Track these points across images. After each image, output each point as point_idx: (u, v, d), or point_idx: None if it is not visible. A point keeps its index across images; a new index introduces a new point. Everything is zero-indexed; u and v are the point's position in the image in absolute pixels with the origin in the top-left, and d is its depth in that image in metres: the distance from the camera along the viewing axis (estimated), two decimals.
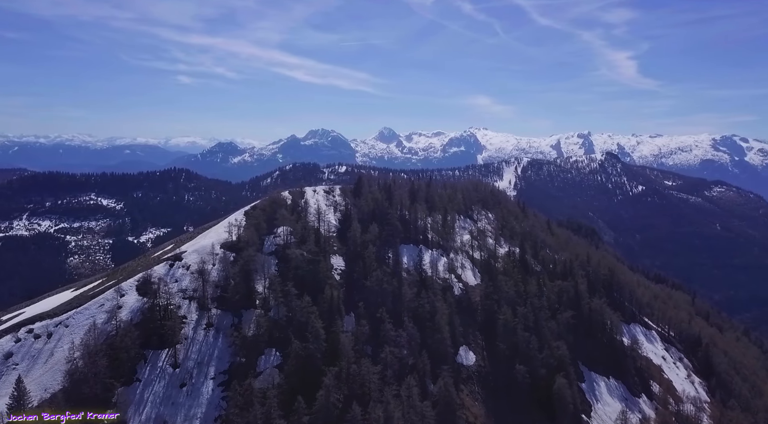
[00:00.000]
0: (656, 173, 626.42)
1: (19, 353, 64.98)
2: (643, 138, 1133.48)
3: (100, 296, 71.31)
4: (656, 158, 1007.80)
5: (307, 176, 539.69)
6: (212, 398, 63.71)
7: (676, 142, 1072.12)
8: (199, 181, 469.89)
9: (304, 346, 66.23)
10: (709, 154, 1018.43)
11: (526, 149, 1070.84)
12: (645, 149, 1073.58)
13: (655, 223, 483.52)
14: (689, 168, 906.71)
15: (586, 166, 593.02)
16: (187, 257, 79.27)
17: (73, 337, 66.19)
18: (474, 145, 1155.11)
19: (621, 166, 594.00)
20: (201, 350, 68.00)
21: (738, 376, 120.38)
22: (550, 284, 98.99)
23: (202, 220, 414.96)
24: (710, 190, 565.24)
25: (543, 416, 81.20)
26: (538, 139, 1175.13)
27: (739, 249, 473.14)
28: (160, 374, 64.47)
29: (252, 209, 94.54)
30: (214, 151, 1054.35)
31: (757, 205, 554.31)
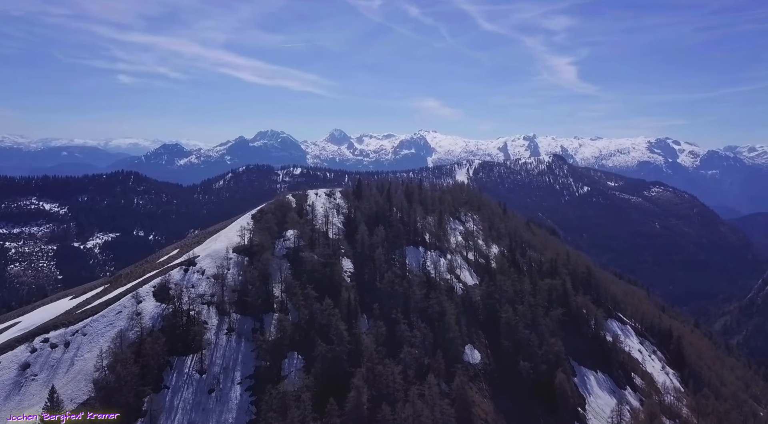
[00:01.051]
0: (600, 175, 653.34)
1: (37, 363, 63.03)
2: (584, 140, 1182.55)
3: (117, 303, 69.82)
4: (597, 160, 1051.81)
5: (260, 179, 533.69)
6: (241, 402, 63.78)
7: (615, 145, 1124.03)
8: (149, 184, 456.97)
9: (330, 348, 67.19)
10: (645, 156, 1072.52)
11: (474, 151, 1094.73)
12: (587, 151, 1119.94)
13: (601, 222, 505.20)
14: (627, 169, 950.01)
15: (534, 167, 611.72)
16: (201, 262, 78.46)
17: (92, 345, 64.76)
18: (424, 148, 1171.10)
19: (567, 168, 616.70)
20: (225, 356, 67.81)
21: (704, 365, 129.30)
22: (541, 283, 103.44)
23: (152, 223, 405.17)
24: (649, 191, 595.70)
25: (545, 410, 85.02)
26: (485, 141, 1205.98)
27: (677, 246, 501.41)
28: (188, 380, 63.97)
29: (259, 213, 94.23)
30: (159, 153, 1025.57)
31: (691, 204, 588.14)
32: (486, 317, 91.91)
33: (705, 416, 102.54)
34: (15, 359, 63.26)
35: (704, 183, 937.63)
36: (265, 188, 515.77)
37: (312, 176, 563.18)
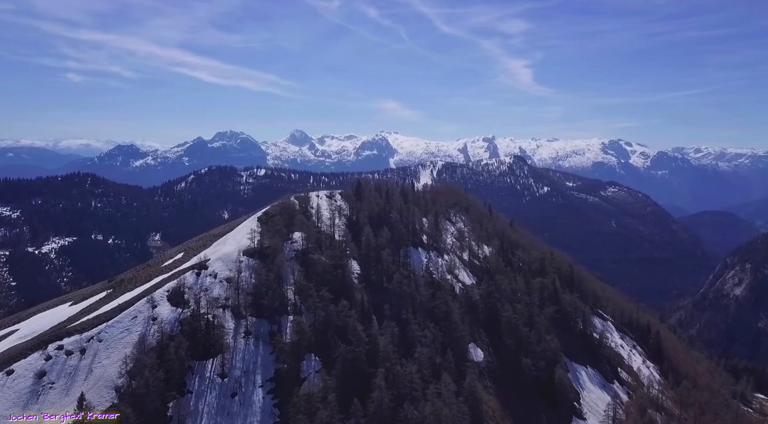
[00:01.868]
0: (558, 175, 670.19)
1: (53, 371, 61.61)
2: (542, 142, 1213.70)
3: (131, 308, 68.71)
4: (554, 161, 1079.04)
5: (223, 180, 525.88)
6: (264, 405, 63.92)
7: (571, 146, 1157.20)
8: (107, 187, 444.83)
9: (349, 349, 67.98)
10: (599, 157, 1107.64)
11: (435, 153, 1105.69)
12: (544, 152, 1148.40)
13: (561, 222, 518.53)
14: (583, 170, 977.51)
15: (495, 168, 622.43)
16: (213, 265, 77.83)
17: (110, 352, 63.72)
18: (386, 149, 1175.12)
19: (527, 169, 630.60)
20: (245, 359, 67.73)
21: (678, 358, 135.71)
22: (533, 281, 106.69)
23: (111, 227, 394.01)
24: (605, 191, 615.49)
25: (546, 406, 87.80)
26: (446, 143, 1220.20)
27: (632, 244, 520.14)
28: (210, 384, 63.71)
29: (264, 215, 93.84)
30: (114, 155, 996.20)
31: (645, 204, 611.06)
32: (486, 316, 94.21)
33: (687, 407, 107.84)
34: (30, 367, 61.71)
35: (654, 183, 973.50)
36: (228, 190, 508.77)
37: (276, 177, 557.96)
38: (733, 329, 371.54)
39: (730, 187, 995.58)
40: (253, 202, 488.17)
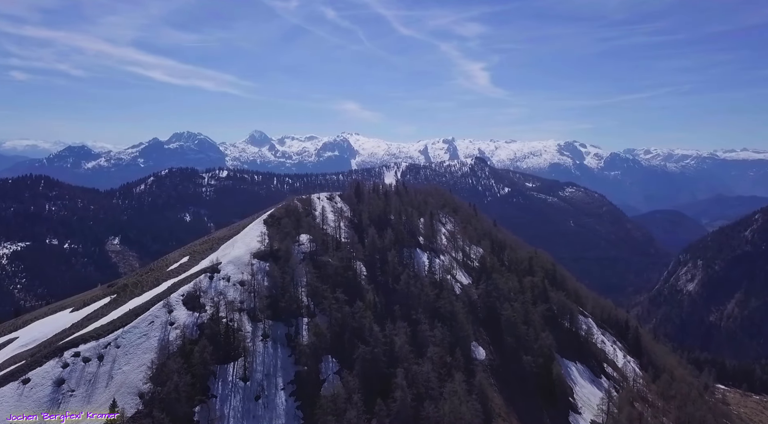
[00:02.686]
0: (518, 176, 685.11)
1: (72, 378, 60.25)
2: (500, 143, 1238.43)
3: (147, 313, 67.66)
4: (512, 162, 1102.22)
5: (184, 182, 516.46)
6: (288, 408, 64.14)
7: (528, 148, 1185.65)
8: (62, 189, 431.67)
9: (369, 350, 68.86)
10: (555, 158, 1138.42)
11: (397, 154, 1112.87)
12: (502, 154, 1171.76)
13: (522, 222, 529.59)
14: (540, 170, 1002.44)
15: (458, 170, 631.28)
16: (225, 269, 77.28)
17: (129, 358, 62.73)
18: (348, 150, 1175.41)
19: (488, 170, 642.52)
20: (265, 362, 67.66)
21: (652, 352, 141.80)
22: (524, 280, 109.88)
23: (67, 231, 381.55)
24: (563, 191, 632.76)
25: (545, 402, 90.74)
26: (407, 144, 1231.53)
27: (590, 243, 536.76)
28: (233, 388, 63.49)
29: (270, 218, 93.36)
30: (64, 156, 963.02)
31: (601, 203, 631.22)
32: (485, 315, 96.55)
33: (669, 399, 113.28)
34: (47, 376, 60.21)
35: (608, 183, 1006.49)
36: (189, 192, 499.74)
37: (239, 179, 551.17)
38: (687, 323, 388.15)
39: (678, 187, 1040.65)
40: (216, 205, 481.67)
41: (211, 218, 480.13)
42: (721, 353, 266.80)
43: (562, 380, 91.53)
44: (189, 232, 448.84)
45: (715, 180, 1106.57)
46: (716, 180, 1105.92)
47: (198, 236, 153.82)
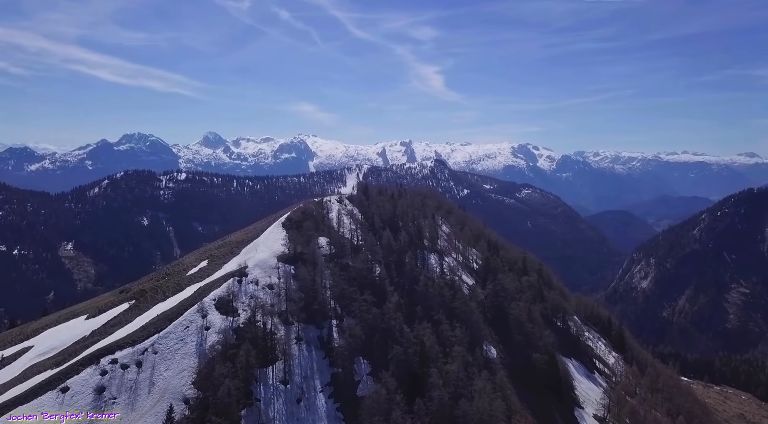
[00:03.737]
0: (476, 178, 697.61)
1: (112, 386, 59.08)
2: (456, 146, 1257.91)
3: (181, 318, 66.83)
4: (468, 164, 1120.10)
5: (141, 185, 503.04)
6: (329, 410, 64.74)
7: (483, 150, 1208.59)
8: (9, 192, 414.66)
9: (402, 350, 70.19)
10: (510, 160, 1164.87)
11: (355, 156, 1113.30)
12: (458, 156, 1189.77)
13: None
14: (495, 172, 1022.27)
15: (418, 172, 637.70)
16: (252, 272, 76.91)
17: (169, 363, 62.00)
18: (305, 152, 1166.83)
19: (448, 172, 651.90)
20: (302, 365, 67.95)
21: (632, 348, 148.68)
22: (522, 279, 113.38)
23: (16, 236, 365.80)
24: (520, 193, 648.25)
25: (553, 398, 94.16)
26: (365, 146, 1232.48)
27: (546, 243, 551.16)
28: (274, 391, 63.59)
29: (288, 221, 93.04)
30: (5, 158, 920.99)
31: (556, 204, 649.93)
32: (493, 314, 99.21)
33: (657, 391, 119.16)
34: (86, 383, 58.84)
35: (560, 184, 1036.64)
36: (147, 195, 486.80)
37: (198, 182, 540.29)
38: (642, 319, 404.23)
39: (625, 188, 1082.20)
40: (175, 208, 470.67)
41: (170, 221, 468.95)
42: (674, 347, 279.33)
43: (568, 377, 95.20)
44: (148, 236, 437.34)
45: (659, 181, 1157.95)
46: (660, 181, 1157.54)
47: (208, 240, 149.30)
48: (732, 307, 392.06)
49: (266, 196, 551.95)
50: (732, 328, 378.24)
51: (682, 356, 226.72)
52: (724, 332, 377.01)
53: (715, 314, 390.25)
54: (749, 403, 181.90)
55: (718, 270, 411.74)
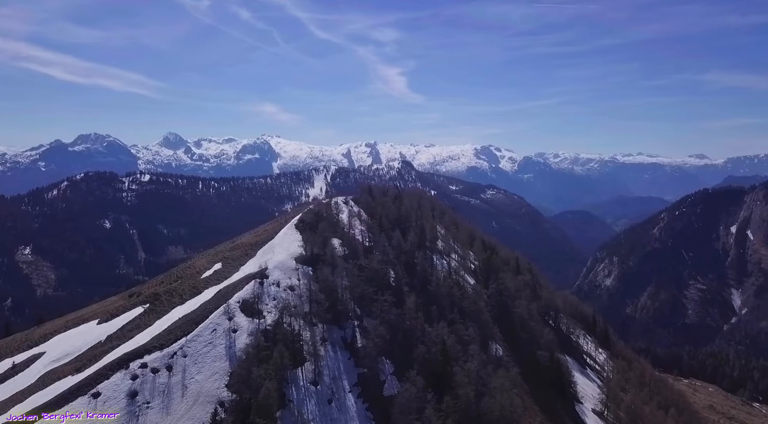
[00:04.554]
0: (442, 179, 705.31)
1: (144, 390, 58.20)
2: (420, 148, 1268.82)
3: (207, 321, 66.12)
4: (432, 166, 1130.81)
5: (103, 187, 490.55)
6: (359, 410, 65.25)
7: (447, 152, 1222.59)
8: None
9: (427, 349, 71.26)
10: (473, 162, 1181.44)
11: (320, 157, 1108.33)
12: (423, 158, 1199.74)
13: None
14: (459, 174, 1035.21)
15: (385, 173, 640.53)
16: (272, 274, 76.46)
17: (200, 366, 61.42)
18: (269, 153, 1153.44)
19: (415, 173, 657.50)
20: (329, 366, 68.23)
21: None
22: (518, 279, 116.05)
23: None
24: (485, 193, 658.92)
25: (556, 394, 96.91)
26: (330, 147, 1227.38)
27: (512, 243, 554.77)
28: (306, 393, 63.69)
29: (300, 223, 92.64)
30: None
31: (520, 205, 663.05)
32: (497, 313, 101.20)
33: (643, 385, 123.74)
34: (117, 388, 57.80)
35: (522, 185, 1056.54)
36: (108, 198, 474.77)
37: (162, 183, 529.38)
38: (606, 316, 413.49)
39: (585, 189, 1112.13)
40: (139, 211, 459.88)
41: (133, 224, 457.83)
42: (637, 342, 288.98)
43: (570, 374, 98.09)
44: (110, 239, 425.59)
45: (616, 182, 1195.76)
46: (617, 182, 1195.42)
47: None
48: (690, 303, 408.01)
49: (233, 197, 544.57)
50: (691, 323, 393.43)
51: (652, 351, 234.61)
52: (684, 327, 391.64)
53: (675, 309, 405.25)
54: (717, 395, 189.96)
55: (677, 267, 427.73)
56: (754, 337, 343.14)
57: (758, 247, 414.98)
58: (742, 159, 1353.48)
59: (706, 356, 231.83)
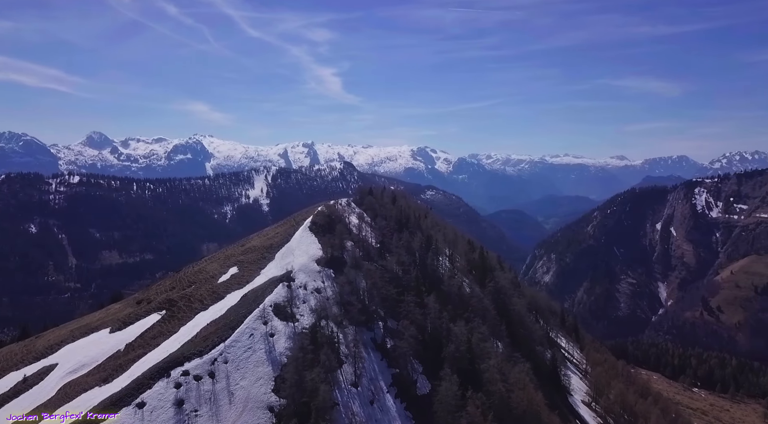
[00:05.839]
0: (383, 180, 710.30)
1: (190, 398, 56.18)
2: (358, 148, 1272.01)
3: (242, 326, 64.34)
4: (370, 166, 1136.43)
5: (27, 189, 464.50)
6: (399, 410, 65.63)
7: (384, 153, 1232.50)
8: None
9: (456, 349, 72.53)
10: (410, 163, 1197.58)
11: (255, 157, 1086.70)
12: (361, 158, 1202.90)
13: None
14: (397, 174, 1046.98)
15: (328, 174, 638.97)
16: (297, 277, 75.09)
17: (243, 372, 59.88)
18: (201, 153, 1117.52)
19: (357, 174, 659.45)
20: (365, 367, 68.15)
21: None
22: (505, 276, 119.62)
23: None
24: (425, 194, 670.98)
25: (553, 388, 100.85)
26: (265, 147, 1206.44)
27: None
28: (348, 394, 63.39)
29: (313, 225, 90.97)
30: None
31: (458, 205, 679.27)
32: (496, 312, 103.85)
33: (617, 377, 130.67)
34: (161, 397, 55.51)
35: (457, 186, 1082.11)
36: (34, 200, 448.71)
37: (94, 185, 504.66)
38: None
39: (516, 189, 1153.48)
40: (68, 214, 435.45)
41: (62, 228, 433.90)
42: None
43: (563, 366, 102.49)
44: (37, 245, 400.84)
45: (546, 182, 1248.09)
46: (546, 182, 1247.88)
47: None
48: (622, 296, 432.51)
49: (169, 199, 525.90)
50: (623, 315, 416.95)
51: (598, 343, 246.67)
52: (617, 320, 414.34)
53: (609, 303, 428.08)
54: (661, 382, 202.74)
55: (609, 263, 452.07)
56: (680, 327, 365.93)
57: (681, 242, 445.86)
58: (657, 160, 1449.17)
59: (649, 347, 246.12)
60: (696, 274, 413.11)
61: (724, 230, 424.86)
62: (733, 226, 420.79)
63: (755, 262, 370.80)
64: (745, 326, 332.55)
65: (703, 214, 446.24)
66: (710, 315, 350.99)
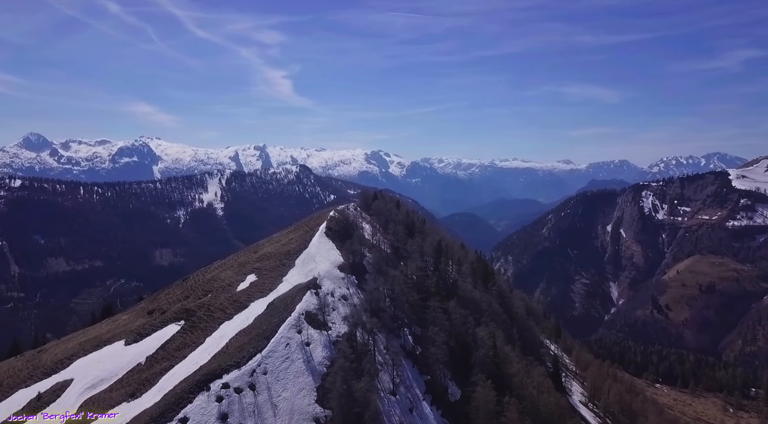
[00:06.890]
0: (340, 183, 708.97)
1: (233, 412, 53.56)
2: (311, 151, 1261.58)
3: (277, 335, 61.82)
4: (324, 170, 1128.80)
5: None
6: (436, 416, 64.83)
7: (338, 156, 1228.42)
8: None
9: (485, 353, 72.36)
10: (364, 166, 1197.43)
11: (205, 160, 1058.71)
12: (315, 161, 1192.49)
13: None
14: (351, 177, 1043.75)
15: (284, 177, 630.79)
16: (323, 284, 72.86)
17: (284, 383, 57.59)
18: (148, 156, 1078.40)
19: (314, 178, 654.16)
20: (400, 374, 66.92)
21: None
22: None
23: None
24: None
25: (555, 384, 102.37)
26: (215, 150, 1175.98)
27: None
28: (388, 403, 62.03)
29: (329, 231, 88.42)
30: None
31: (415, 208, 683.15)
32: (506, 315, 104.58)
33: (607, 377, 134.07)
34: (205, 412, 52.70)
35: (410, 189, 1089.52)
36: None
37: (37, 189, 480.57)
38: None
39: (468, 192, 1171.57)
40: (9, 220, 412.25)
41: (3, 235, 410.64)
42: None
43: (563, 367, 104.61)
44: None
45: (496, 185, 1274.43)
46: (496, 185, 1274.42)
47: None
48: (577, 296, 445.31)
49: (119, 204, 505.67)
50: (578, 315, 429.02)
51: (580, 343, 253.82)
52: (572, 319, 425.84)
53: (565, 303, 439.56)
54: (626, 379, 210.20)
55: (564, 264, 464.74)
56: (631, 325, 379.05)
57: (630, 243, 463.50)
58: (601, 164, 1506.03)
59: (612, 344, 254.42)
60: (645, 274, 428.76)
61: (669, 231, 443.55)
62: (677, 227, 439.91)
63: (698, 262, 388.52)
64: (692, 323, 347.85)
65: (650, 216, 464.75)
66: (659, 313, 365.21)
